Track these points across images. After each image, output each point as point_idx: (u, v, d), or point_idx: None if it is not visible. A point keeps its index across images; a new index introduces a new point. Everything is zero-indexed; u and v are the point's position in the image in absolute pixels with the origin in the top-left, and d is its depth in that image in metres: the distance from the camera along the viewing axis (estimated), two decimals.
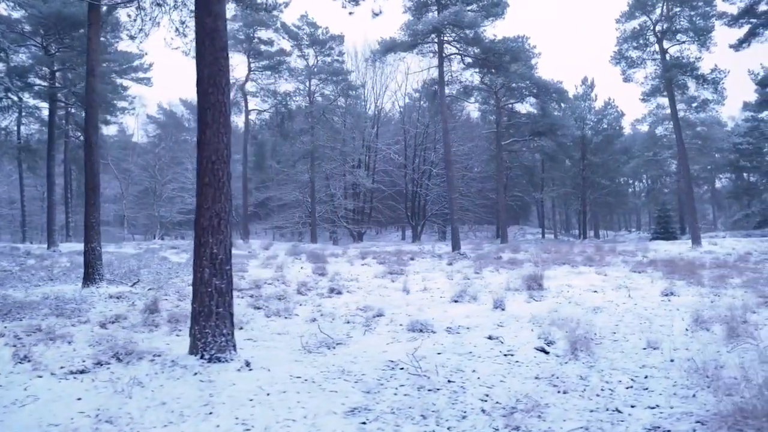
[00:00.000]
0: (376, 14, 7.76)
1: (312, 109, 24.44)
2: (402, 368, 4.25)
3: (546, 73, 78.81)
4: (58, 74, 19.57)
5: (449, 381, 4.03)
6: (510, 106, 26.07)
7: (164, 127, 35.48)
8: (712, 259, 15.59)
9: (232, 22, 23.81)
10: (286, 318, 6.50)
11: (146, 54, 20.95)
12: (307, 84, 25.48)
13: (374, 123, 30.71)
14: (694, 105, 24.10)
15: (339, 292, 8.52)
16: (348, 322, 6.26)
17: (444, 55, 17.55)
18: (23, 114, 23.35)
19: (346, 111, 26.16)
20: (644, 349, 5.35)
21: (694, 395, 3.92)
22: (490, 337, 5.47)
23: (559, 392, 3.90)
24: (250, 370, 3.93)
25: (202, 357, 3.89)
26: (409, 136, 29.75)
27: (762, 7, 16.11)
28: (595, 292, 8.81)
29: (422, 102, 27.43)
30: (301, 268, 12.72)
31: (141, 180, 31.12)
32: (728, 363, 4.77)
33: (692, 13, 18.41)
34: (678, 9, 18.46)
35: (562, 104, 24.35)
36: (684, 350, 5.32)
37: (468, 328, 6.02)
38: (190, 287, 8.91)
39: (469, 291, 8.10)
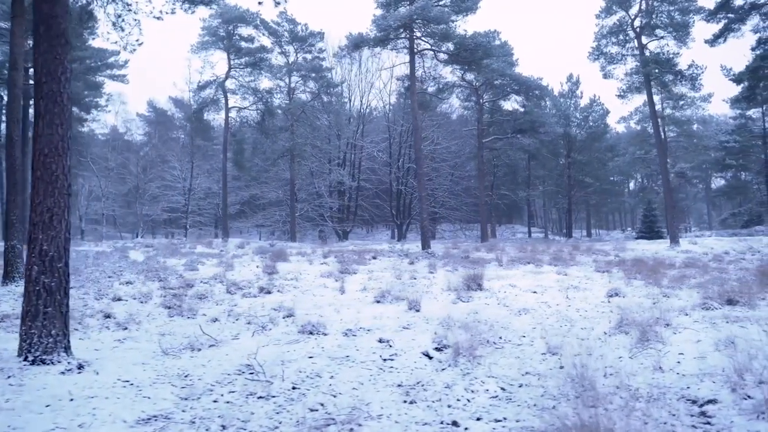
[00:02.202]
0: (278, 3, 7.49)
1: (291, 107, 24.21)
2: (251, 373, 4.00)
3: (534, 71, 78.19)
4: (32, 71, 19.45)
5: (294, 388, 3.77)
6: (491, 103, 25.67)
7: (153, 125, 35.34)
8: (685, 258, 15.18)
9: (212, 19, 23.68)
10: (188, 318, 6.27)
11: (121, 51, 20.72)
12: (287, 81, 25.27)
13: (359, 121, 30.39)
14: (681, 103, 23.54)
15: (269, 292, 8.29)
16: (249, 323, 6.02)
17: (416, 51, 17.22)
18: (2, 111, 23.30)
19: (327, 109, 25.90)
20: (543, 354, 5.06)
21: (554, 407, 3.62)
22: (380, 340, 5.21)
23: (405, 402, 3.62)
24: (79, 373, 3.69)
25: (25, 359, 3.66)
26: (394, 134, 29.46)
27: (738, 2, 15.64)
28: (534, 292, 8.50)
29: (407, 99, 27.11)
30: (257, 266, 12.50)
31: (124, 178, 31.04)
32: (622, 370, 4.48)
33: (671, 7, 17.93)
34: (657, 3, 17.99)
35: (544, 101, 23.88)
36: (585, 356, 5.00)
37: (369, 330, 5.76)
38: (121, 286, 8.76)
39: (397, 292, 7.83)
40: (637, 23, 18.67)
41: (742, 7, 15.85)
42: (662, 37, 18.44)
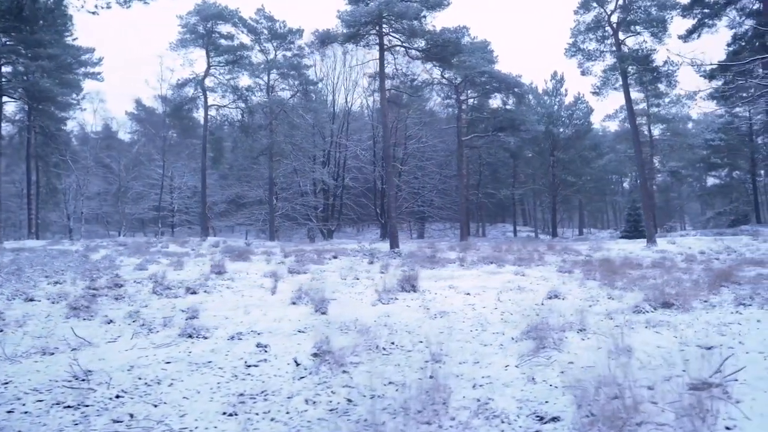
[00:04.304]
0: None
1: (270, 104, 24.02)
2: (84, 380, 3.80)
3: (521, 70, 77.38)
4: (6, 69, 19.40)
5: (117, 396, 3.55)
6: (474, 101, 25.31)
7: (142, 123, 35.35)
8: (657, 258, 14.79)
9: (190, 16, 23.52)
10: (84, 320, 6.09)
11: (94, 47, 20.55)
12: (266, 78, 25.08)
13: (344, 119, 30.14)
14: (668, 101, 23.03)
15: (194, 292, 8.09)
16: (143, 325, 5.82)
17: (386, 47, 16.92)
18: None
19: (307, 107, 25.67)
20: (427, 361, 4.80)
21: (384, 422, 3.37)
22: (258, 345, 4.98)
23: (225, 414, 3.40)
24: None
25: None
26: (378, 133, 29.18)
27: None
28: (468, 294, 8.25)
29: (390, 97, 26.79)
30: (212, 265, 12.33)
31: (107, 177, 31.02)
32: (498, 381, 4.24)
33: (648, 3, 17.47)
34: None
35: (525, 99, 23.46)
36: (471, 364, 4.77)
37: (260, 333, 5.54)
38: (48, 285, 8.60)
39: (323, 293, 7.53)
40: (614, 19, 18.25)
41: (717, 2, 15.37)
42: (639, 33, 17.98)
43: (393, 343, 5.30)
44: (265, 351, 4.84)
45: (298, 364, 4.50)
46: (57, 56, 19.28)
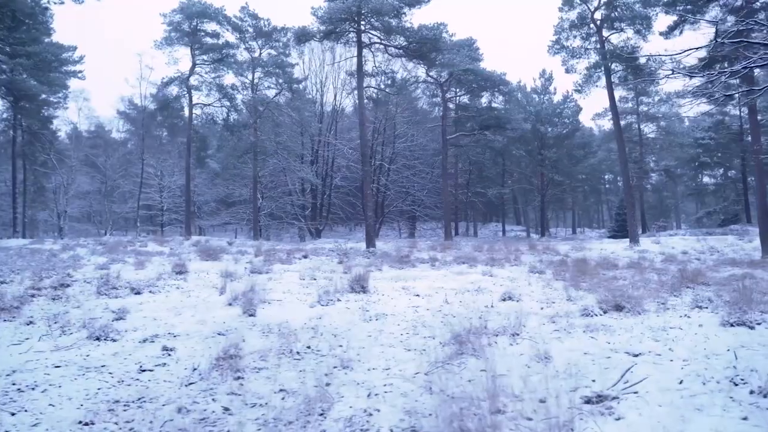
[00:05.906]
0: None
1: (254, 103, 23.89)
2: None
3: (513, 69, 76.40)
4: None
5: None
6: (459, 99, 25.04)
7: (132, 122, 35.36)
8: (635, 258, 14.56)
9: (174, 14, 23.39)
10: (5, 321, 5.95)
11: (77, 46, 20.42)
12: (251, 77, 24.92)
13: (332, 118, 29.94)
14: (657, 99, 22.68)
15: (138, 293, 7.93)
16: (61, 327, 5.67)
17: (365, 44, 16.71)
18: None
19: (292, 105, 25.47)
20: (335, 367, 4.62)
21: None
22: (164, 348, 4.81)
23: (81, 423, 3.23)
24: None
25: None
26: (367, 132, 28.96)
27: None
28: (417, 295, 8.05)
29: (380, 96, 26.59)
30: (174, 265, 12.16)
31: (94, 176, 30.98)
32: (395, 390, 4.05)
33: None
34: None
35: (511, 97, 23.19)
36: (380, 370, 4.58)
37: (176, 336, 5.37)
38: None
39: (253, 294, 7.33)
40: (598, 16, 17.97)
41: None
42: (623, 30, 17.70)
43: (309, 348, 5.12)
44: (169, 355, 4.67)
45: (194, 369, 4.33)
46: (36, 54, 19.17)
